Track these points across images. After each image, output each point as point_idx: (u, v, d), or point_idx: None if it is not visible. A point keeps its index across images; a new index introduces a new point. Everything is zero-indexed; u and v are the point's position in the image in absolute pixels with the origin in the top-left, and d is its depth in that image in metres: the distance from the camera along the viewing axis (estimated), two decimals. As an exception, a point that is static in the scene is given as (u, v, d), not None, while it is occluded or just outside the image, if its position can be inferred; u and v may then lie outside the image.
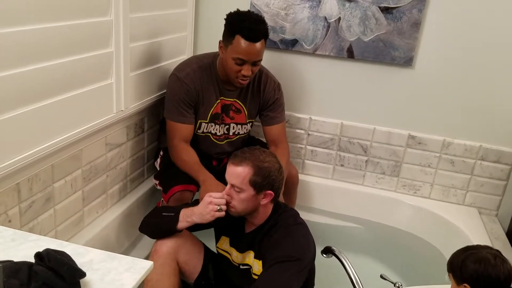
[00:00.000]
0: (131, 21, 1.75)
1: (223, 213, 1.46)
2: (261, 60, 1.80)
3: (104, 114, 1.71)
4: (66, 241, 1.11)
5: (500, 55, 2.03)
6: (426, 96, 2.18)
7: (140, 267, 0.99)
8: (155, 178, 2.02)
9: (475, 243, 1.92)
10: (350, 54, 2.19)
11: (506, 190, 2.19)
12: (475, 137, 2.16)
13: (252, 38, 1.71)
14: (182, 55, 2.27)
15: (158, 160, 2.07)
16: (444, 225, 2.15)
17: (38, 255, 0.88)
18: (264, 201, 1.46)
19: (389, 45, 2.13)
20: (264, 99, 1.97)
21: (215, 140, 1.98)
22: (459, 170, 2.22)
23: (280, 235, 1.47)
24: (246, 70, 1.76)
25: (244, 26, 1.71)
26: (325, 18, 2.17)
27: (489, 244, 1.93)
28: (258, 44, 1.73)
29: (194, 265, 1.64)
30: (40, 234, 1.33)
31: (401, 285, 1.63)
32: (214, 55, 1.90)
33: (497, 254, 1.23)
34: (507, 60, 2.03)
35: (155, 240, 1.60)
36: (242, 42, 1.72)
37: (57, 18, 1.39)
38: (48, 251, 0.88)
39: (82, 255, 1.00)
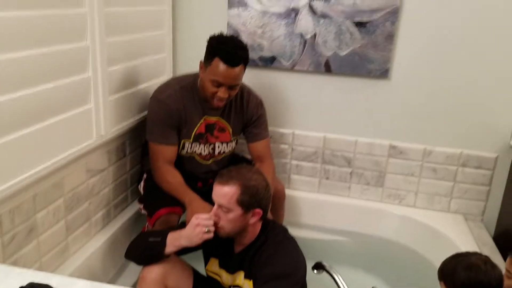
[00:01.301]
0: (108, 45, 1.74)
1: (211, 235, 1.44)
2: (238, 84, 1.81)
3: (84, 140, 1.69)
4: (52, 272, 1.08)
5: (473, 62, 2.08)
6: (404, 106, 2.21)
7: (129, 295, 0.96)
8: (139, 202, 1.99)
9: (463, 250, 1.94)
10: (327, 69, 2.22)
11: (489, 195, 2.22)
12: (456, 144, 2.20)
13: (230, 62, 1.72)
14: (162, 77, 2.26)
15: (142, 183, 2.03)
16: (431, 233, 2.16)
17: (22, 290, 0.85)
18: (252, 220, 1.45)
19: (365, 58, 2.17)
20: (247, 116, 1.98)
21: (200, 160, 1.97)
22: (441, 178, 2.24)
23: (270, 252, 1.45)
24: (222, 93, 1.77)
25: (224, 49, 1.72)
26: (301, 35, 2.20)
27: (477, 250, 1.95)
28: (236, 69, 1.74)
29: (184, 289, 1.60)
30: (25, 267, 1.29)
31: (393, 296, 1.63)
32: (195, 75, 1.90)
33: (487, 260, 1.24)
34: (481, 67, 2.08)
35: (142, 266, 1.56)
36: (220, 65, 1.72)
37: (33, 46, 1.38)
38: (32, 285, 0.85)
39: (68, 286, 0.97)
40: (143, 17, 2.04)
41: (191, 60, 1.86)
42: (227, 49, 1.72)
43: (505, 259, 1.84)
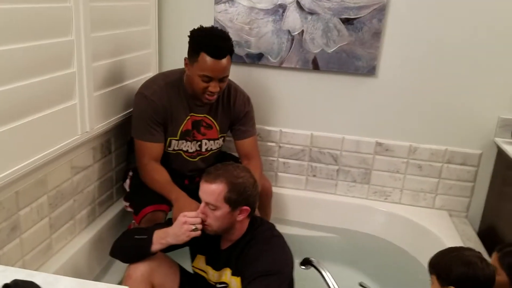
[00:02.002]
0: (93, 40, 1.71)
1: (199, 233, 1.43)
2: (227, 76, 1.80)
3: (69, 136, 1.66)
4: (35, 270, 1.06)
5: (458, 60, 2.10)
6: (390, 104, 2.23)
7: (114, 293, 0.95)
8: (125, 200, 1.97)
9: (448, 245, 1.97)
10: (315, 66, 2.22)
11: (474, 191, 2.25)
12: (440, 141, 2.22)
13: (217, 55, 1.71)
14: (148, 73, 2.24)
15: (127, 181, 2.01)
16: (416, 229, 2.18)
17: (6, 287, 0.83)
18: (240, 217, 1.44)
19: (352, 56, 2.17)
20: (234, 113, 1.97)
21: (187, 157, 1.95)
22: (427, 174, 2.27)
23: (257, 249, 1.45)
24: (214, 87, 1.75)
25: (209, 43, 1.71)
26: (289, 31, 2.19)
27: (461, 245, 1.97)
28: (223, 61, 1.73)
29: (170, 287, 1.59)
30: (7, 265, 1.26)
31: (380, 292, 1.64)
32: (181, 71, 1.88)
33: (481, 257, 1.25)
34: (466, 65, 2.10)
35: (127, 264, 1.54)
36: (208, 60, 1.71)
37: (16, 40, 1.35)
38: (16, 282, 0.84)
39: (52, 284, 0.95)
40: (128, 12, 2.02)
41: (177, 56, 1.84)
42: (211, 43, 1.71)
43: (490, 255, 1.87)
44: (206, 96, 1.79)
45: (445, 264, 1.25)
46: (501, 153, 2.10)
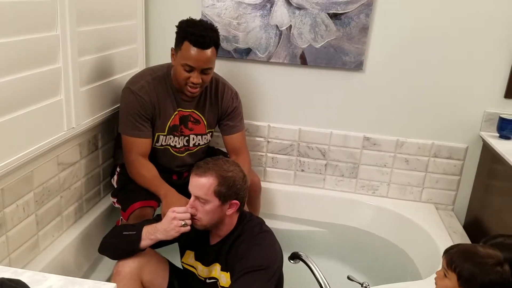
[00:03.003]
0: (79, 35, 1.69)
1: (188, 228, 1.42)
2: (211, 68, 1.78)
3: (55, 132, 1.64)
4: (22, 268, 1.04)
5: (445, 55, 2.12)
6: (377, 98, 2.24)
7: (103, 290, 0.94)
8: (113, 196, 1.95)
9: (434, 238, 2.00)
10: (303, 61, 2.22)
11: (460, 185, 2.28)
12: (427, 135, 2.24)
13: (200, 44, 1.70)
14: (135, 68, 2.21)
15: (115, 177, 2.00)
16: (403, 223, 2.21)
17: (-9, 286, 0.82)
18: (229, 211, 1.44)
19: (340, 51, 2.18)
20: (222, 108, 1.96)
21: (175, 153, 1.94)
22: (414, 168, 2.29)
23: (246, 245, 1.45)
24: (195, 78, 1.74)
25: (193, 32, 1.70)
26: (277, 26, 2.19)
27: (448, 238, 2.00)
28: (207, 51, 1.72)
29: (159, 283, 1.58)
30: (-8, 264, 1.24)
31: (368, 285, 1.65)
32: (168, 66, 1.87)
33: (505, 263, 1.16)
34: (453, 60, 2.12)
35: (116, 261, 1.53)
36: (191, 48, 1.70)
37: (1, 34, 1.32)
38: (2, 281, 0.82)
39: (40, 282, 0.94)
40: (115, 7, 1.99)
41: (164, 51, 1.83)
42: (196, 31, 1.70)
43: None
44: (188, 88, 1.78)
45: (471, 273, 1.14)
46: (486, 147, 2.13)
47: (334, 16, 2.13)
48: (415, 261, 2.05)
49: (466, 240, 2.03)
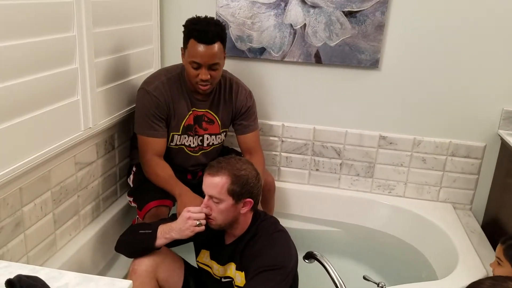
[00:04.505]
0: (95, 36, 1.71)
1: (203, 228, 1.43)
2: (218, 64, 1.77)
3: (72, 132, 1.66)
4: (39, 266, 1.06)
5: (462, 52, 2.09)
6: (393, 97, 2.22)
7: (118, 287, 0.95)
8: (129, 195, 1.97)
9: (452, 238, 1.97)
10: (318, 60, 2.21)
11: (478, 184, 2.24)
12: (444, 133, 2.21)
13: (204, 40, 1.70)
14: (150, 69, 2.23)
15: (131, 176, 2.02)
16: (421, 223, 2.18)
17: (9, 282, 0.83)
18: (244, 210, 1.44)
19: (355, 49, 2.16)
20: (236, 107, 1.96)
21: (189, 152, 1.95)
22: (431, 167, 2.26)
23: (261, 244, 1.45)
24: (203, 74, 1.74)
25: (197, 28, 1.71)
26: (291, 25, 2.18)
27: (466, 238, 1.97)
28: (212, 46, 1.72)
29: (175, 282, 1.59)
30: (11, 261, 1.26)
31: (384, 285, 1.64)
32: (182, 66, 1.88)
33: None
34: (471, 57, 2.09)
35: (132, 259, 1.55)
36: (196, 45, 1.71)
37: (18, 36, 1.35)
38: (20, 277, 0.84)
39: (57, 279, 0.96)
40: (130, 8, 2.01)
41: (179, 51, 1.84)
42: (199, 27, 1.71)
43: (494, 247, 1.87)
44: (199, 86, 1.79)
45: None
46: (505, 145, 2.09)
47: (349, 14, 2.12)
48: (431, 261, 2.03)
49: (484, 240, 2.00)
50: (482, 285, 1.07)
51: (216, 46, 1.73)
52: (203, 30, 1.70)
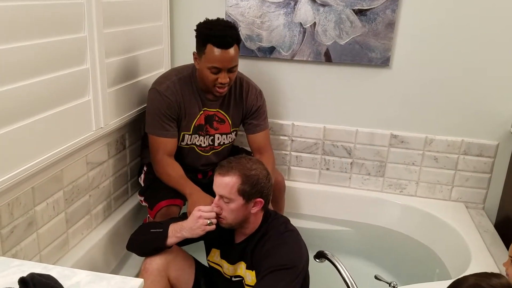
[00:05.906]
0: (105, 37, 1.72)
1: (213, 227, 1.43)
2: (236, 65, 1.79)
3: (83, 132, 1.68)
4: (51, 265, 1.07)
5: (474, 50, 2.07)
6: (405, 95, 2.20)
7: (130, 285, 0.96)
8: (140, 194, 1.98)
9: (464, 237, 1.95)
10: (327, 58, 2.20)
11: (490, 183, 2.21)
12: (457, 132, 2.19)
13: (223, 45, 1.71)
14: (160, 69, 2.24)
15: (142, 176, 2.03)
16: (432, 222, 2.16)
17: (22, 281, 0.84)
18: (254, 210, 1.44)
19: (365, 47, 2.15)
20: (247, 107, 1.96)
21: (200, 152, 1.96)
22: (443, 166, 2.24)
23: (272, 243, 1.45)
24: (223, 78, 1.75)
25: (214, 34, 1.71)
26: (301, 24, 2.18)
27: (478, 237, 1.94)
28: (230, 50, 1.72)
29: (186, 280, 1.60)
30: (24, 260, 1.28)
31: (396, 285, 1.63)
32: (193, 67, 1.89)
33: None
34: (482, 55, 2.07)
35: (143, 258, 1.56)
36: (215, 50, 1.71)
37: (30, 37, 1.36)
38: (32, 275, 0.85)
39: (69, 277, 0.97)
40: (141, 8, 2.02)
41: (189, 51, 1.85)
42: (216, 33, 1.71)
43: (507, 247, 1.84)
44: (217, 89, 1.79)
45: None
46: (518, 144, 2.07)
47: (359, 12, 2.10)
48: (444, 260, 2.01)
49: (497, 239, 1.97)
50: (466, 281, 1.07)
51: (234, 49, 1.74)
52: (221, 35, 1.70)
